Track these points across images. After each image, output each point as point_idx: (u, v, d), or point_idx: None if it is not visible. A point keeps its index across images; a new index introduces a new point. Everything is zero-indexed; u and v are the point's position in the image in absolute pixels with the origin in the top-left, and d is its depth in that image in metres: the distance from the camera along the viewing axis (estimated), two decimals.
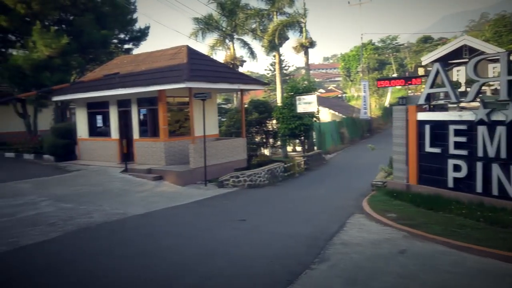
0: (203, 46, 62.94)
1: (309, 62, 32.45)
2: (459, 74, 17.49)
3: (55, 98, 20.12)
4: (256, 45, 66.60)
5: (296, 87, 22.56)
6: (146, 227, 9.15)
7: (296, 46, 30.12)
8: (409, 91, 42.51)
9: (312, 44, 30.08)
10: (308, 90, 22.05)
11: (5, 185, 13.84)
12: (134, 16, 26.52)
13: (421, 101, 11.13)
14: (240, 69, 32.95)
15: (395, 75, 49.44)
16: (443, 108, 11.39)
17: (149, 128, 16.89)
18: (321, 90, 59.04)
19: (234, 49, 33.00)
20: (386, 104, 47.80)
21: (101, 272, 6.27)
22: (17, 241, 7.91)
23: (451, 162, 10.10)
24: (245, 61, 34.55)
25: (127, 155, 16.71)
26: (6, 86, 25.17)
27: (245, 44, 33.09)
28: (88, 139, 19.21)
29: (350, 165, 21.21)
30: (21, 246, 7.60)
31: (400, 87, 38.56)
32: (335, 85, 73.58)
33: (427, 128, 10.77)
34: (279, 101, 29.07)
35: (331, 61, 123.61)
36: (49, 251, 7.40)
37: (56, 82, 20.06)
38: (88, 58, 25.02)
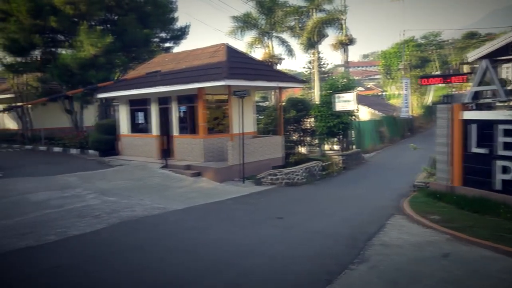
0: (241, 44, 63.20)
1: (348, 60, 31.94)
2: (508, 71, 16.65)
3: (100, 95, 20.88)
4: (294, 43, 66.49)
5: (335, 85, 22.27)
6: (186, 222, 9.35)
7: (335, 43, 29.73)
8: (453, 89, 40.94)
9: (351, 41, 29.59)
10: (346, 88, 21.71)
11: (55, 178, 14.55)
12: (175, 15, 27.08)
13: (468, 99, 10.71)
14: (278, 67, 32.90)
15: (437, 72, 47.74)
16: (489, 107, 10.90)
17: (188, 125, 17.21)
18: (360, 88, 57.96)
19: (272, 47, 33.01)
20: (428, 102, 46.25)
21: (146, 263, 6.47)
22: (66, 231, 8.30)
23: (499, 163, 9.67)
24: (283, 59, 34.47)
25: (166, 151, 17.10)
26: (55, 83, 26.41)
27: (283, 41, 33.03)
28: (129, 135, 19.81)
29: (389, 165, 20.73)
30: (69, 236, 7.98)
31: (443, 85, 37.20)
32: (374, 83, 71.99)
33: (473, 127, 10.35)
34: (316, 99, 28.82)
35: (370, 58, 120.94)
36: (96, 242, 7.71)
37: (101, 80, 20.82)
38: (131, 57, 25.76)
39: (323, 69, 46.69)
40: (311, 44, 29.77)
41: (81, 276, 5.95)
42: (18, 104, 26.57)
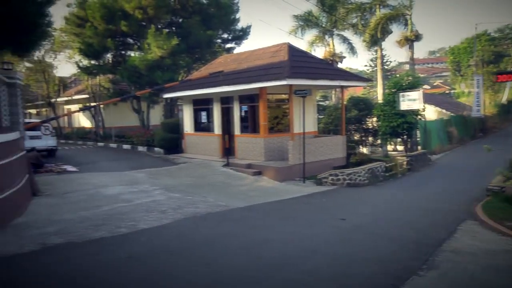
0: (302, 42, 62.79)
1: (413, 57, 30.54)
2: None
3: (166, 96, 21.77)
4: (356, 40, 64.88)
5: (399, 83, 21.41)
6: (248, 220, 9.48)
7: (400, 40, 28.53)
8: None
9: (417, 37, 28.25)
10: (412, 86, 20.80)
11: (124, 174, 15.42)
12: (237, 16, 27.55)
13: None
14: (339, 66, 32.29)
15: None
16: None
17: (250, 124, 17.42)
18: (426, 86, 55.21)
19: (333, 45, 32.47)
20: (503, 100, 43.05)
21: (211, 258, 6.64)
22: (135, 224, 8.74)
23: None
24: (344, 57, 33.74)
25: (228, 150, 17.45)
26: (124, 84, 28.00)
27: (344, 39, 32.36)
28: (193, 134, 20.47)
29: (459, 167, 19.55)
30: (139, 229, 8.39)
31: None
32: (441, 81, 68.30)
33: None
34: (379, 98, 27.89)
35: (437, 55, 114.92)
36: (163, 236, 8.04)
37: (166, 81, 21.75)
38: (194, 58, 26.62)
39: (386, 66, 45.18)
40: (374, 41, 28.81)
41: (152, 267, 6.23)
42: (93, 104, 28.45)
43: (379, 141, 24.72)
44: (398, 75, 29.25)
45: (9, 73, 11.01)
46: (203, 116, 20.00)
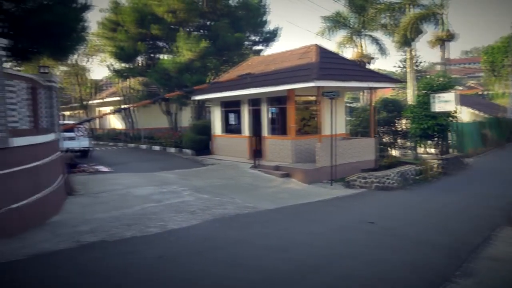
0: (330, 44, 62.38)
1: (447, 57, 29.76)
2: None
3: (195, 97, 22.05)
4: (387, 41, 63.75)
5: (431, 84, 20.95)
6: (277, 222, 9.47)
7: (432, 40, 27.89)
8: None
9: (450, 37, 27.53)
10: (444, 87, 20.31)
11: (154, 175, 15.71)
12: (265, 18, 27.62)
13: None
14: (368, 67, 31.86)
15: None
16: None
17: (278, 126, 17.41)
18: (459, 87, 53.62)
19: (362, 46, 32.07)
20: None
21: (241, 260, 6.67)
22: (165, 224, 8.89)
23: None
24: (373, 58, 33.31)
25: (256, 152, 17.50)
26: (154, 87, 28.57)
27: (374, 40, 31.94)
28: (221, 136, 20.63)
29: (495, 171, 18.87)
30: (168, 229, 8.53)
31: None
32: (475, 82, 66.18)
33: None
34: (410, 100, 27.35)
35: (470, 55, 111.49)
36: (192, 236, 8.14)
37: (195, 83, 22.05)
38: (223, 60, 26.85)
39: (416, 67, 44.16)
40: (405, 42, 28.28)
41: (183, 267, 6.31)
42: (124, 106, 29.14)
43: (409, 144, 24.22)
44: (430, 76, 28.58)
45: (46, 76, 11.43)
46: (232, 117, 20.14)
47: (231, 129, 20.24)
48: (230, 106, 19.95)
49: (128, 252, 7.07)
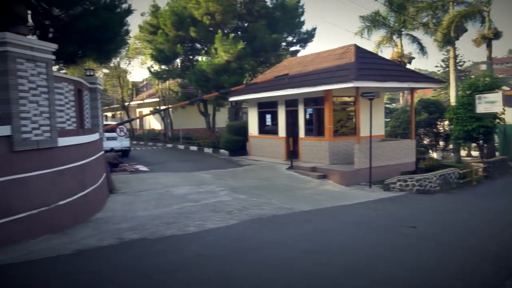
0: (368, 44, 61.28)
1: (491, 56, 28.49)
2: None
3: (232, 99, 22.27)
4: (427, 40, 61.90)
5: (475, 84, 20.11)
6: (314, 223, 9.38)
7: (477, 38, 26.74)
8: None
9: (497, 35, 26.29)
10: (490, 88, 19.44)
11: (191, 174, 15.99)
12: (302, 19, 27.49)
13: None
14: (408, 67, 31.03)
15: None
16: None
17: (315, 127, 17.28)
18: (506, 88, 51.16)
19: (402, 46, 31.28)
20: None
21: (279, 261, 6.62)
22: (203, 224, 9.00)
23: None
24: (413, 58, 32.44)
25: (292, 153, 17.45)
26: (191, 88, 29.10)
27: (414, 39, 31.04)
28: (257, 136, 20.71)
29: None
30: (206, 229, 8.63)
31: None
32: None
33: None
34: (452, 100, 26.38)
35: None
36: (230, 236, 8.20)
37: (232, 84, 22.26)
38: (259, 61, 26.94)
39: (459, 67, 42.62)
40: (447, 41, 27.28)
41: (221, 266, 6.36)
42: (163, 107, 29.84)
43: (451, 146, 23.39)
44: (473, 76, 27.48)
45: (90, 79, 11.91)
46: (268, 118, 20.19)
47: (267, 130, 20.28)
48: (267, 107, 20.00)
49: (168, 250, 7.22)
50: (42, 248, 7.08)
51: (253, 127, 21.07)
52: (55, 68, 11.96)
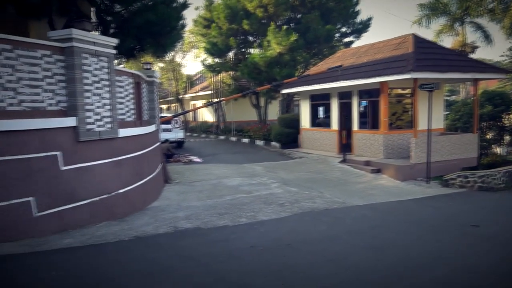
0: (427, 33, 58.45)
1: None
2: None
3: (284, 91, 22.19)
4: (493, 28, 57.95)
5: None
6: (367, 218, 9.16)
7: None
8: None
9: None
10: None
11: (243, 166, 16.18)
12: (356, 8, 26.72)
13: None
14: (471, 56, 29.24)
15: None
16: None
17: (369, 120, 16.81)
18: None
19: (464, 34, 29.49)
20: None
21: (331, 255, 6.57)
22: (254, 215, 9.09)
23: None
24: (477, 47, 30.46)
25: (345, 146, 17.11)
26: (244, 81, 29.32)
27: (478, 27, 29.14)
28: (309, 129, 20.51)
29: None
30: (258, 220, 8.70)
31: None
32: None
33: None
34: None
35: None
36: (282, 229, 8.21)
37: (284, 76, 22.16)
38: (312, 53, 26.55)
39: None
40: None
41: (274, 258, 6.38)
42: (216, 100, 30.39)
43: None
44: None
45: (148, 72, 12.35)
46: (321, 111, 19.90)
47: (319, 122, 20.02)
48: (319, 100, 19.72)
49: (221, 240, 7.36)
50: (104, 233, 7.49)
51: (305, 120, 20.88)
52: (115, 62, 12.52)
